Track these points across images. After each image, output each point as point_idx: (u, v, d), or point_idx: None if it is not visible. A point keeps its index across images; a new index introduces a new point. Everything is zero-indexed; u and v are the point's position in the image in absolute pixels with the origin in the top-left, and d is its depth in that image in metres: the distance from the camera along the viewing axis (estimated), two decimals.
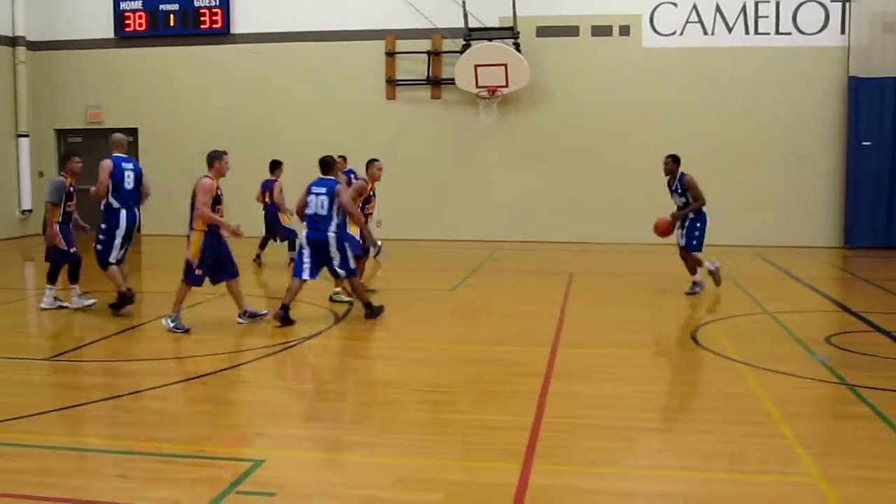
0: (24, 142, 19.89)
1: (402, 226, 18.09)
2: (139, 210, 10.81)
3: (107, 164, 10.41)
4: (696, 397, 7.33)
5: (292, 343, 8.92)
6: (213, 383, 7.47)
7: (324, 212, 9.80)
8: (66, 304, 10.78)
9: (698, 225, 11.71)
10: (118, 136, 10.90)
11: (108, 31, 19.99)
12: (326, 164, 10.15)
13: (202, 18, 19.54)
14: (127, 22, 19.87)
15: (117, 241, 10.38)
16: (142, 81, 19.89)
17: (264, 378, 7.91)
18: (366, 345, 9.33)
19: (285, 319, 9.53)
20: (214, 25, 19.48)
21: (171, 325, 9.30)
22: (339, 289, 11.20)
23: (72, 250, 10.63)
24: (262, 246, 15.22)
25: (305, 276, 9.78)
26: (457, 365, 8.34)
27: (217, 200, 9.49)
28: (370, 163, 11.33)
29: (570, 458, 5.71)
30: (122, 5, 19.83)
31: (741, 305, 11.17)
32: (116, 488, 5.14)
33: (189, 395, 7.15)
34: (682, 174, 11.76)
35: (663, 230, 11.84)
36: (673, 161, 11.86)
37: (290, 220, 15.08)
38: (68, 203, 10.63)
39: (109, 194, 10.36)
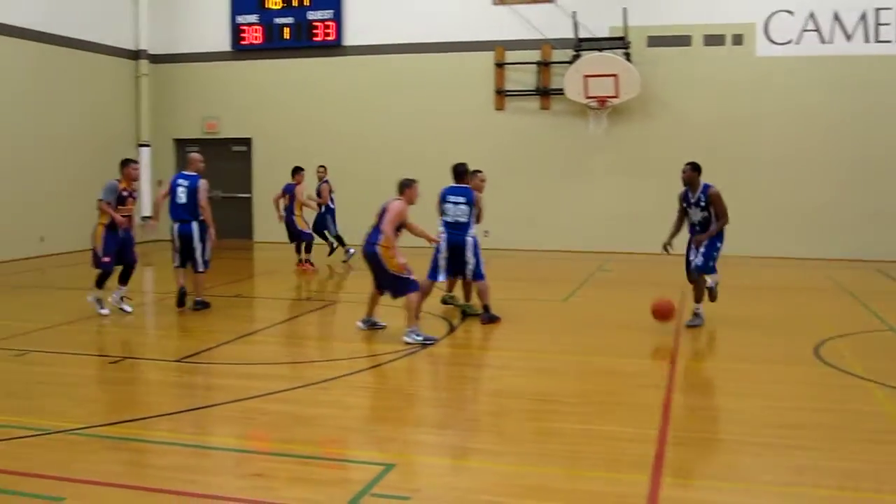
0: (145, 151, 20.69)
1: (509, 236, 18.16)
2: (196, 222, 11.10)
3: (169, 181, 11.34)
4: (824, 414, 7.16)
5: (413, 350, 9.04)
6: (336, 388, 7.64)
7: (465, 219, 10.37)
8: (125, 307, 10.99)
9: (718, 245, 10.35)
10: (191, 154, 11.57)
11: (225, 45, 20.65)
12: (460, 173, 10.48)
13: (315, 31, 20.00)
14: (243, 35, 20.49)
15: (173, 250, 11.25)
16: (256, 92, 20.46)
17: (387, 384, 8.06)
18: (484, 354, 9.40)
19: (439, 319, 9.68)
20: (327, 38, 19.92)
21: (417, 338, 9.22)
22: (453, 293, 11.40)
23: (104, 259, 10.61)
24: (306, 250, 15.69)
25: (441, 277, 10.28)
26: (576, 376, 8.34)
27: (399, 227, 9.54)
28: (473, 174, 11.22)
29: (701, 472, 5.66)
30: (239, 19, 20.46)
31: (863, 321, 10.86)
32: (255, 487, 5.32)
33: (315, 399, 7.32)
34: (707, 185, 10.32)
35: (665, 314, 9.88)
36: (692, 169, 10.38)
37: (307, 225, 15.75)
38: (119, 207, 10.70)
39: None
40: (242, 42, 20.51)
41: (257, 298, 12.54)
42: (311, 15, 20.02)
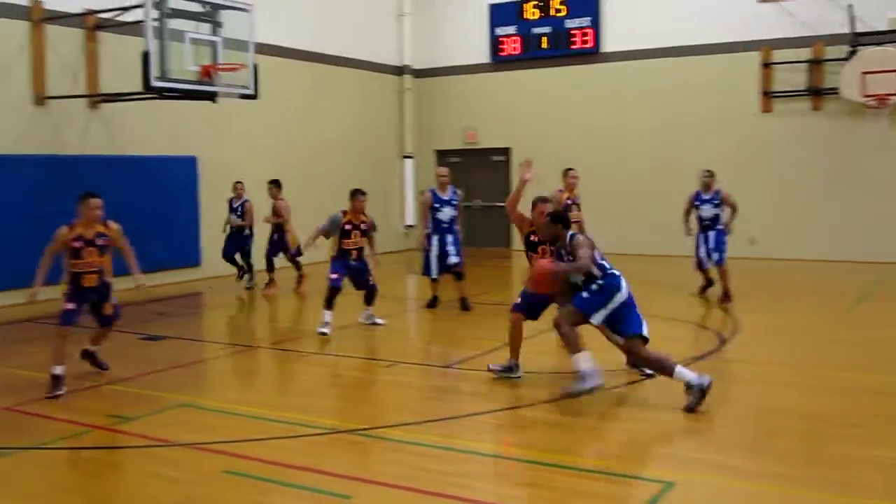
0: (408, 162, 21.52)
1: (780, 245, 17.28)
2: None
3: None
4: None
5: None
6: (605, 400, 7.52)
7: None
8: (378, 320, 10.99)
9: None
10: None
11: (484, 57, 21.09)
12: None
13: (573, 39, 19.98)
14: (502, 46, 20.84)
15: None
16: (514, 102, 20.73)
17: (659, 398, 7.80)
18: (760, 369, 8.91)
19: None
20: (585, 45, 19.84)
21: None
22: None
23: (332, 276, 10.38)
24: None
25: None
26: (867, 395, 7.71)
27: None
28: (565, 172, 12.01)
29: None
30: (498, 31, 20.83)
31: None
32: (532, 497, 5.34)
33: (586, 410, 7.24)
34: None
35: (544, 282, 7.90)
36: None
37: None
38: (344, 240, 10.46)
39: None
40: (501, 53, 20.86)
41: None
42: (569, 23, 20.01)
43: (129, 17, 13.34)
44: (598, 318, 7.29)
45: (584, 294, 7.31)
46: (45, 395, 7.75)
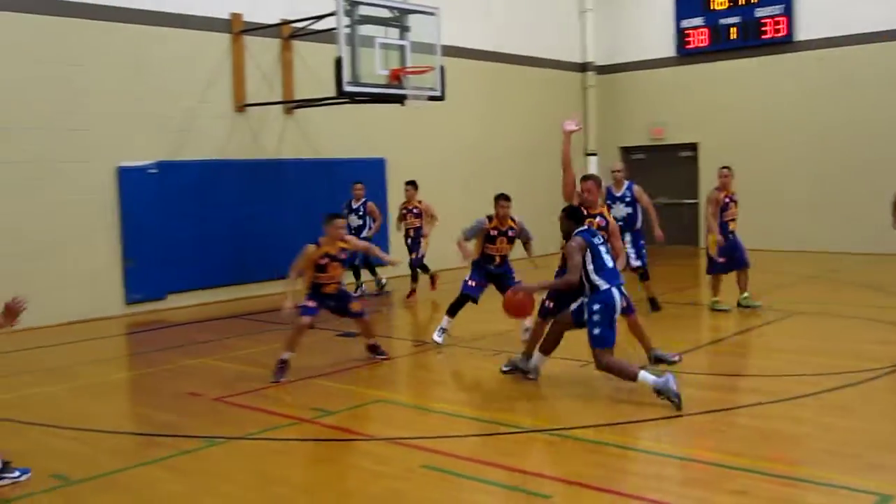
0: (592, 160, 21.28)
1: None
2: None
3: None
4: None
5: (889, 369, 8.23)
6: (809, 405, 7.16)
7: None
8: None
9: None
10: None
11: (669, 50, 20.58)
12: None
13: (764, 28, 19.18)
14: (688, 39, 20.27)
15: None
16: (702, 96, 20.12)
17: (868, 404, 7.35)
18: None
19: None
20: (777, 34, 18.99)
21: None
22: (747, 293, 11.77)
23: (469, 282, 10.04)
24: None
25: None
26: None
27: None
28: (719, 171, 11.79)
29: None
30: (684, 23, 20.27)
31: None
32: None
33: (789, 415, 6.91)
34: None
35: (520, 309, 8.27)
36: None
37: None
38: (488, 245, 10.01)
39: None
40: (687, 46, 20.29)
41: (706, 307, 12.27)
42: (760, 12, 19.21)
43: (321, 25, 13.84)
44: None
45: (595, 331, 7.36)
46: (270, 380, 8.37)
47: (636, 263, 11.55)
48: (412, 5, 13.33)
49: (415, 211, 14.10)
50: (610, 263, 7.59)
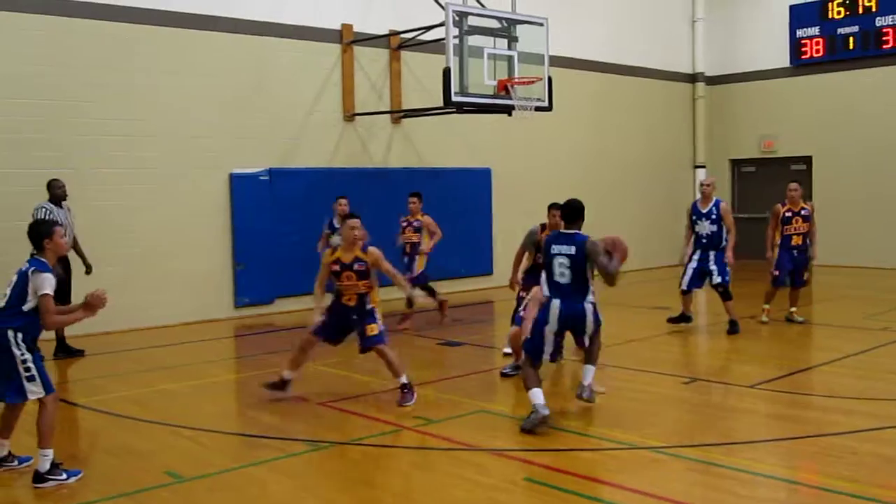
0: (700, 172, 20.86)
1: None
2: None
3: None
4: None
5: None
6: None
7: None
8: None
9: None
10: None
11: (783, 61, 20.04)
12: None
13: (885, 38, 18.49)
14: (804, 49, 19.70)
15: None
16: (817, 108, 19.51)
17: None
18: None
19: None
20: None
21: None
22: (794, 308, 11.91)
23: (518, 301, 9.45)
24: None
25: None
26: None
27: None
28: (788, 184, 11.97)
29: None
30: (799, 33, 19.72)
31: None
32: None
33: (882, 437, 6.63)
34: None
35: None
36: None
37: None
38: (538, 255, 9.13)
39: None
40: (803, 56, 19.71)
41: (821, 325, 11.88)
42: (880, 21, 18.55)
43: (430, 35, 13.97)
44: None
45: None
46: (263, 384, 8.30)
47: (717, 280, 11.30)
48: (521, 16, 13.32)
49: (415, 224, 12.47)
50: (563, 280, 7.22)
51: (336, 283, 8.13)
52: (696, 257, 11.56)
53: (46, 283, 5.90)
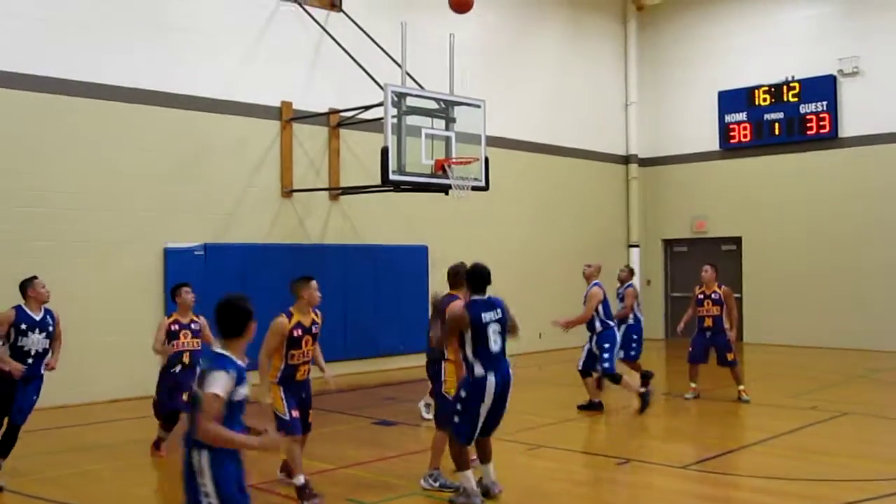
0: (634, 251, 21.25)
1: None
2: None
3: None
4: None
5: None
6: None
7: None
8: None
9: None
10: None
11: (713, 145, 20.66)
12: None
13: (808, 125, 19.23)
14: (732, 134, 20.36)
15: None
16: (745, 190, 20.10)
17: None
18: None
19: None
20: (821, 131, 19.02)
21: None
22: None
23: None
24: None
25: None
26: None
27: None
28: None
29: None
30: (727, 118, 20.39)
31: None
32: None
33: None
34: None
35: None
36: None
37: None
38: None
39: None
40: (731, 140, 20.37)
41: (755, 405, 12.03)
42: (804, 108, 19.30)
43: (369, 115, 14.13)
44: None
45: (455, 418, 7.14)
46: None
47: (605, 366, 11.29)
48: (459, 97, 13.55)
49: None
50: (496, 347, 7.12)
51: (290, 353, 7.33)
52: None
53: None
